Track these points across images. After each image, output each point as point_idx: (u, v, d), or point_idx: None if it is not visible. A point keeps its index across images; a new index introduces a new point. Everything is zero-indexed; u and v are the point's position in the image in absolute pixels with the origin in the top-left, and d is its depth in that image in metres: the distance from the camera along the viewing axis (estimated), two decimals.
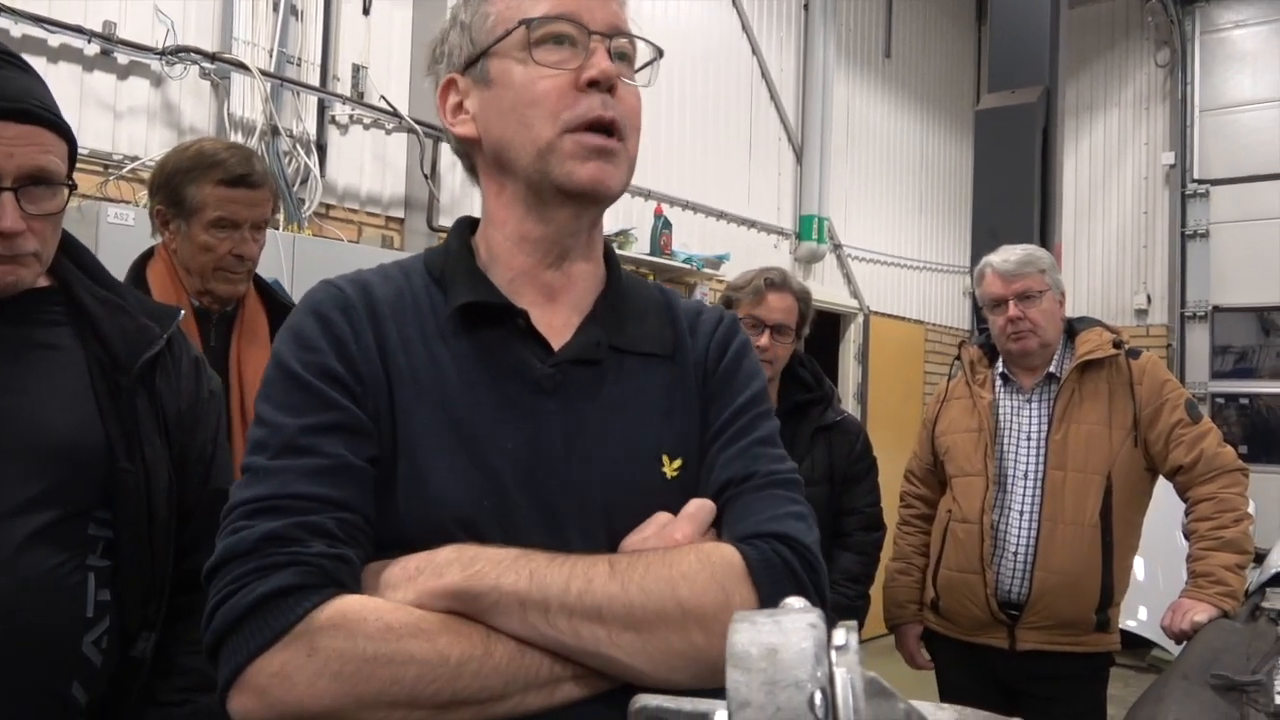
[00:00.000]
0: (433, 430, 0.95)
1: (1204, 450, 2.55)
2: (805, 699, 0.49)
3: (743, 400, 1.06)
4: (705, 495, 1.01)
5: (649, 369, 1.04)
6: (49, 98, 1.33)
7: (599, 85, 0.98)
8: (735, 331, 1.12)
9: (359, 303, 0.99)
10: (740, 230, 6.34)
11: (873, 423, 7.10)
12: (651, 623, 0.87)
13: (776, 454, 1.04)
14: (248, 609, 0.83)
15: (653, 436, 1.01)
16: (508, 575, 0.86)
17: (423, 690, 0.82)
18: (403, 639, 0.83)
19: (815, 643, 0.51)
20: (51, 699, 1.25)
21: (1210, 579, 2.46)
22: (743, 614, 0.55)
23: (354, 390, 0.94)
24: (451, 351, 0.98)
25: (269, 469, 0.90)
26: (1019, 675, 2.64)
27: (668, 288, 1.20)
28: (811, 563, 0.95)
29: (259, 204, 2.02)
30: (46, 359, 1.33)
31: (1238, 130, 8.18)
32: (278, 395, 0.95)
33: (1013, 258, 2.72)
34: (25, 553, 1.22)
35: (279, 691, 0.82)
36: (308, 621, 0.82)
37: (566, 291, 1.05)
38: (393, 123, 4.33)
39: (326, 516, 0.88)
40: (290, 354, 0.96)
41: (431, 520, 0.92)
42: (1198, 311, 8.23)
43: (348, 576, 0.87)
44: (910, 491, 3.01)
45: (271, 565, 0.85)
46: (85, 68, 3.45)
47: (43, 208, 1.30)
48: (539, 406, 0.98)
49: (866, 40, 7.53)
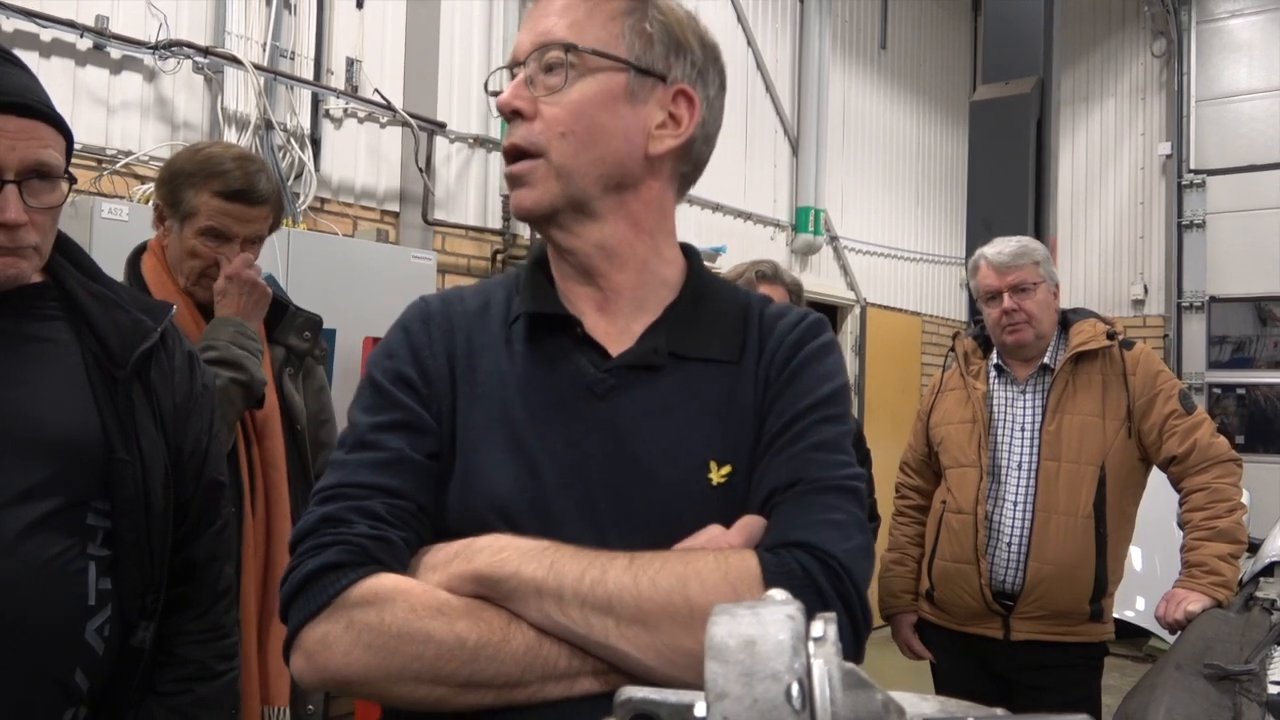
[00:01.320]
0: (485, 428, 1.02)
1: (1197, 441, 2.56)
2: (782, 690, 0.49)
3: (806, 404, 1.03)
4: (753, 502, 1.00)
5: (709, 375, 1.05)
6: (45, 94, 1.35)
7: (505, 116, 1.06)
8: (813, 334, 1.09)
9: (439, 314, 1.08)
10: (736, 222, 6.34)
11: (870, 415, 7.11)
12: (659, 618, 0.88)
13: (831, 459, 1.01)
14: (301, 582, 0.93)
15: (702, 441, 1.02)
16: (529, 563, 0.90)
17: (443, 669, 0.88)
18: (424, 619, 0.89)
19: (793, 634, 0.51)
20: (55, 686, 1.26)
21: (1204, 569, 2.47)
22: (722, 606, 0.56)
23: (422, 392, 1.03)
24: (514, 356, 1.05)
25: (343, 462, 1.01)
26: (1013, 665, 2.65)
27: (761, 294, 1.18)
28: (837, 571, 0.92)
29: (254, 220, 1.98)
30: (43, 353, 1.35)
31: (1235, 120, 8.17)
32: (362, 399, 1.05)
33: (1007, 250, 2.72)
34: (27, 540, 1.24)
35: (322, 657, 0.91)
36: (345, 596, 0.91)
37: (614, 302, 1.08)
38: (387, 116, 4.32)
39: (378, 501, 0.96)
40: (375, 363, 1.07)
41: (473, 511, 0.99)
42: (1194, 302, 8.24)
43: (386, 555, 0.94)
44: (905, 483, 3.02)
45: (322, 544, 0.94)
46: (78, 62, 3.44)
47: (43, 201, 1.32)
48: (589, 409, 1.02)
49: (862, 32, 7.52)
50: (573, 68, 1.04)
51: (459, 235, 4.61)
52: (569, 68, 1.04)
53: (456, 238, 4.60)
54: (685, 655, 0.86)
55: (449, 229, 4.57)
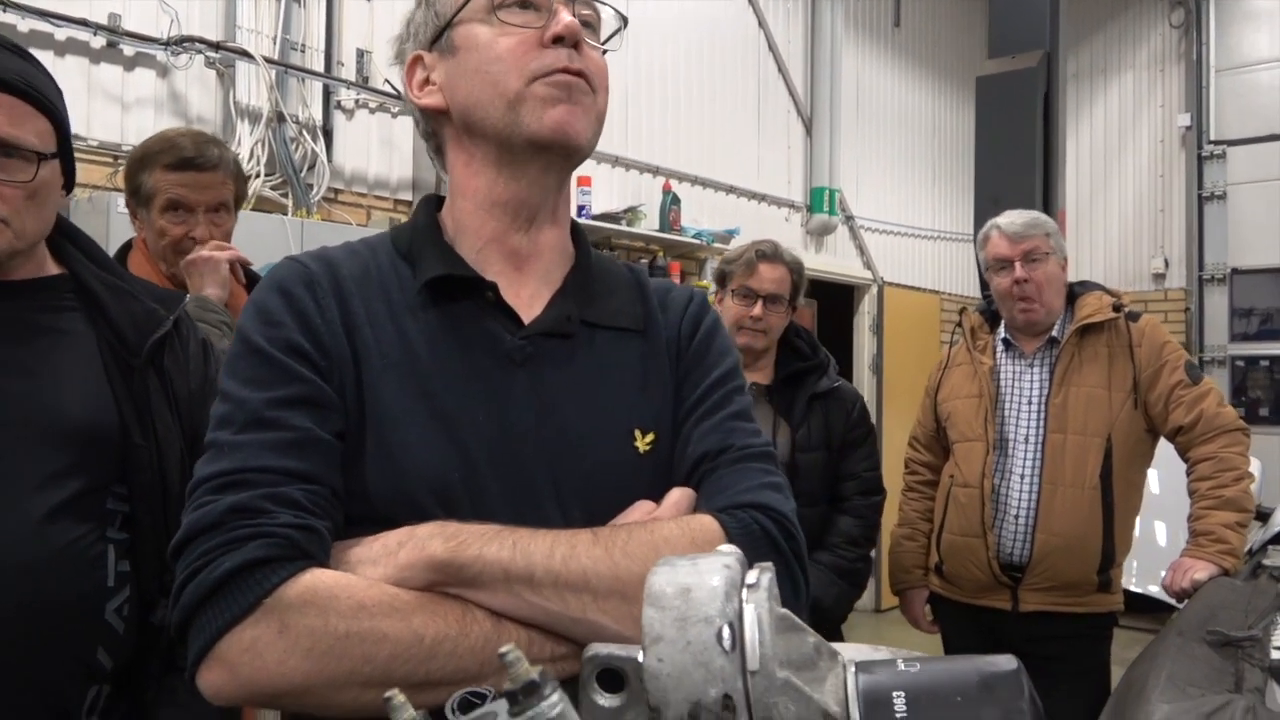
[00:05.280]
0: (402, 403, 0.95)
1: (1204, 410, 2.56)
2: (714, 633, 0.52)
3: (716, 376, 1.07)
4: (680, 469, 1.02)
5: (621, 343, 1.06)
6: (41, 80, 1.36)
7: (564, 41, 1.00)
8: (706, 309, 1.14)
9: (324, 278, 0.99)
10: (750, 204, 6.34)
11: (888, 394, 7.11)
12: (636, 588, 0.86)
13: (750, 428, 1.05)
14: (216, 583, 0.82)
15: (625, 410, 1.02)
16: (491, 546, 0.85)
17: (396, 670, 0.81)
18: (376, 617, 0.82)
19: (726, 581, 0.54)
20: (79, 665, 1.31)
21: (1210, 537, 2.48)
22: (665, 559, 0.59)
23: (319, 364, 0.94)
24: (420, 325, 0.99)
25: (234, 443, 0.90)
26: (1022, 636, 2.66)
27: (635, 265, 1.22)
28: (789, 530, 0.97)
29: (211, 186, 2.02)
30: (60, 343, 1.39)
31: (1255, 89, 8.08)
32: (243, 370, 0.94)
33: (1019, 220, 2.74)
34: (50, 524, 1.28)
35: (250, 668, 0.81)
36: (277, 596, 0.82)
37: (534, 261, 1.06)
38: (398, 106, 4.35)
39: (294, 488, 0.87)
40: (254, 329, 0.95)
41: (402, 492, 0.92)
42: (1216, 274, 8.16)
43: (317, 548, 0.86)
44: (914, 458, 3.04)
45: (238, 538, 0.84)
46: (92, 60, 3.50)
47: (12, 174, 1.31)
48: (509, 379, 0.98)
49: (875, 9, 7.48)
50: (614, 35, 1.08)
51: None
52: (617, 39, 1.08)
53: None
54: None
55: None
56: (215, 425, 0.93)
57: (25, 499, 1.28)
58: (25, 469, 1.29)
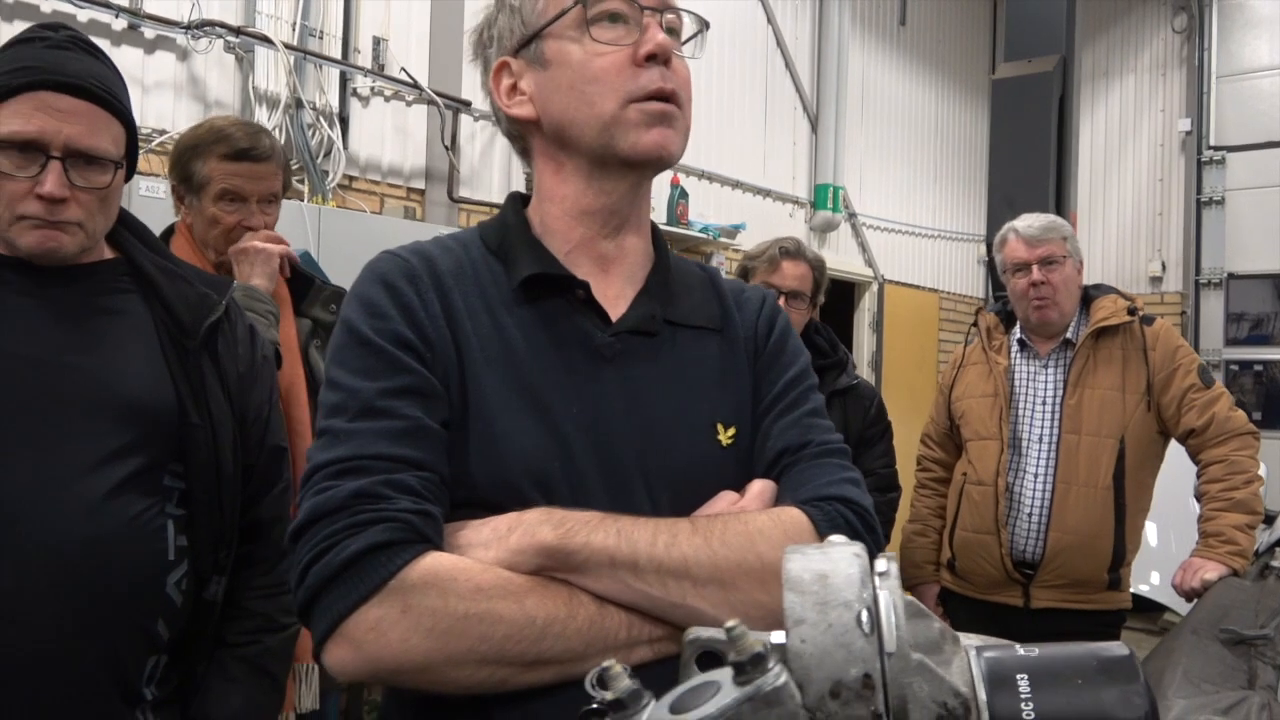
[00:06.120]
0: (503, 393, 0.98)
1: (1215, 414, 2.61)
2: (854, 616, 0.56)
3: (793, 374, 1.11)
4: (760, 462, 1.06)
5: (701, 341, 1.09)
6: (115, 84, 1.41)
7: (656, 59, 1.02)
8: (778, 310, 1.18)
9: (424, 272, 1.02)
10: (756, 200, 6.38)
11: (887, 390, 7.16)
12: (734, 576, 0.92)
13: (826, 424, 1.10)
14: (342, 565, 0.86)
15: (707, 405, 1.06)
16: (597, 534, 0.89)
17: (509, 649, 0.86)
18: (492, 599, 0.86)
19: (861, 569, 0.58)
20: (141, 635, 1.35)
21: (1220, 538, 2.52)
22: (793, 547, 0.62)
23: (424, 356, 0.97)
24: (516, 320, 1.02)
25: (349, 431, 0.93)
26: (1033, 633, 2.71)
27: (708, 265, 1.26)
28: (869, 523, 1.01)
29: (265, 177, 2.07)
30: (119, 324, 1.42)
31: (1255, 96, 8.14)
32: (351, 360, 0.97)
33: (1037, 224, 2.78)
34: (113, 500, 1.32)
35: (374, 645, 0.85)
36: (401, 578, 0.85)
37: (620, 263, 1.09)
38: (413, 94, 4.37)
39: (409, 475, 0.91)
40: (361, 320, 0.98)
41: (505, 478, 0.95)
42: (1213, 279, 8.23)
43: (433, 533, 0.90)
44: (927, 455, 3.08)
45: (362, 522, 0.87)
46: (113, 43, 3.51)
47: (90, 181, 1.37)
48: (600, 374, 1.02)
49: (881, 7, 7.51)
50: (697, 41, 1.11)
51: (483, 212, 4.67)
52: (696, 43, 1.11)
53: (481, 215, 4.66)
54: (758, 608, 0.91)
55: (473, 206, 4.63)
56: (327, 413, 0.96)
57: (89, 475, 1.32)
58: (88, 446, 1.33)
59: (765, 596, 0.91)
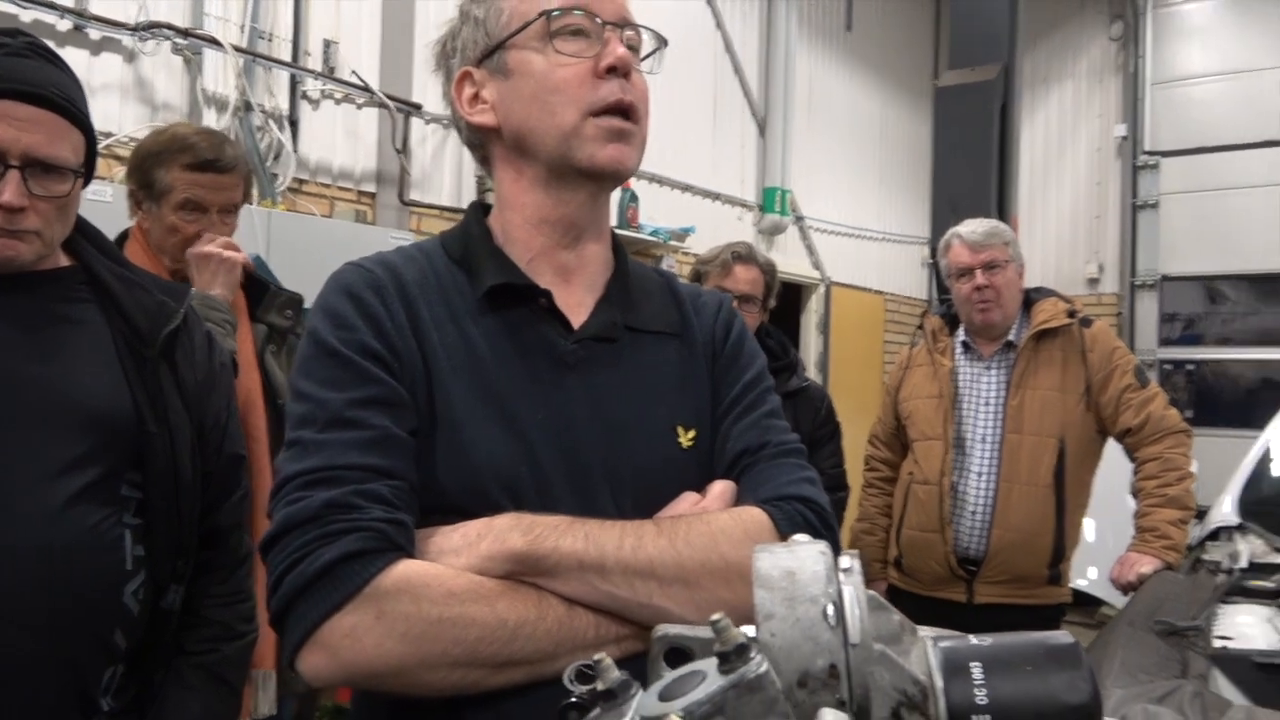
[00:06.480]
0: (470, 402, 1.01)
1: (1151, 413, 2.71)
2: (820, 610, 0.60)
3: (750, 377, 1.16)
4: (720, 463, 1.10)
5: (661, 346, 1.13)
6: (74, 92, 1.40)
7: (616, 71, 1.06)
8: (734, 314, 1.22)
9: (389, 283, 1.04)
10: (705, 203, 6.43)
11: (834, 391, 7.18)
12: (699, 575, 0.95)
13: (783, 425, 1.14)
14: (316, 574, 0.88)
15: (667, 409, 1.09)
16: (565, 538, 0.92)
17: (482, 651, 0.89)
18: (465, 603, 0.89)
19: (826, 566, 0.62)
20: (99, 645, 1.35)
21: (1155, 534, 2.62)
22: (761, 546, 0.66)
23: (391, 366, 0.99)
24: (481, 329, 1.05)
25: (319, 442, 0.94)
26: (976, 627, 2.74)
27: (664, 270, 1.29)
28: (827, 520, 1.06)
29: (227, 189, 2.08)
30: (76, 332, 1.42)
31: (1187, 103, 8.37)
32: (319, 371, 0.99)
33: (980, 230, 2.86)
34: (70, 509, 1.31)
35: (349, 651, 0.87)
36: (374, 585, 0.88)
37: (580, 272, 1.12)
38: (364, 97, 4.36)
39: (380, 484, 0.93)
40: (328, 332, 1.00)
41: (474, 484, 0.98)
42: (1147, 280, 8.45)
43: (405, 540, 0.92)
44: (874, 455, 3.15)
45: (334, 532, 0.89)
46: (58, 44, 3.45)
47: (49, 190, 1.36)
48: (563, 380, 1.05)
49: (828, 13, 7.61)
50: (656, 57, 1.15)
51: (434, 215, 4.67)
52: (655, 59, 1.15)
53: (431, 218, 4.66)
54: (723, 606, 0.92)
55: (424, 209, 4.63)
56: (296, 424, 0.98)
57: (47, 484, 1.31)
58: (45, 455, 1.33)
59: (729, 594, 0.94)
